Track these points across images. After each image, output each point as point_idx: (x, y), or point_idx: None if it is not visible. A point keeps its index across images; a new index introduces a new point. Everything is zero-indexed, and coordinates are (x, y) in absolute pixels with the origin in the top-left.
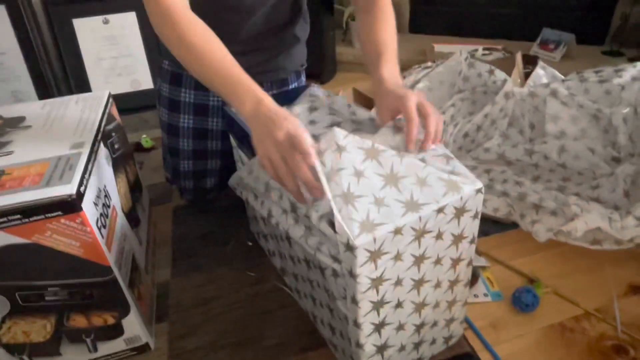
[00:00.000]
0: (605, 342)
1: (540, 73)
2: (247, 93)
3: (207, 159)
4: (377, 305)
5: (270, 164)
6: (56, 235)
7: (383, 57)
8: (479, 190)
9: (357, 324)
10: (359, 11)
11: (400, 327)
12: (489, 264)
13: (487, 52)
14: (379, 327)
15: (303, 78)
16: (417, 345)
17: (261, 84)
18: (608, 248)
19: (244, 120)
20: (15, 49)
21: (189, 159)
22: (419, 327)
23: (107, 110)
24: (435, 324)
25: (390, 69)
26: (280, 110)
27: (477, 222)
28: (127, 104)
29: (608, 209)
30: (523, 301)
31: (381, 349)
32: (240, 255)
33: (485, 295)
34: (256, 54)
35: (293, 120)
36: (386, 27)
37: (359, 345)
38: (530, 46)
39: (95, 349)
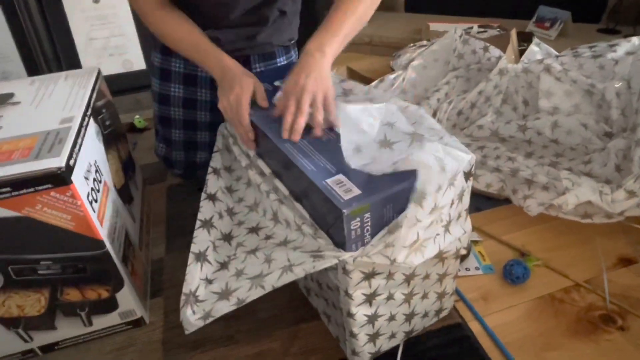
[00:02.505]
0: (594, 313)
1: (535, 49)
2: (215, 62)
3: (197, 130)
4: (369, 276)
5: (224, 113)
6: (47, 209)
7: (319, 31)
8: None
9: (348, 294)
10: None
11: (390, 297)
12: (481, 239)
13: (482, 29)
14: (370, 297)
15: (293, 53)
16: (408, 317)
17: (247, 57)
18: (598, 221)
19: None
20: (4, 29)
21: (180, 128)
22: (408, 297)
23: (97, 87)
24: (425, 295)
25: (318, 41)
26: (237, 76)
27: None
28: (120, 85)
29: (599, 183)
30: (514, 273)
31: (372, 318)
32: None
33: (477, 268)
34: (240, 29)
35: (246, 85)
36: (342, 4)
37: (350, 315)
38: (526, 24)
39: (90, 323)
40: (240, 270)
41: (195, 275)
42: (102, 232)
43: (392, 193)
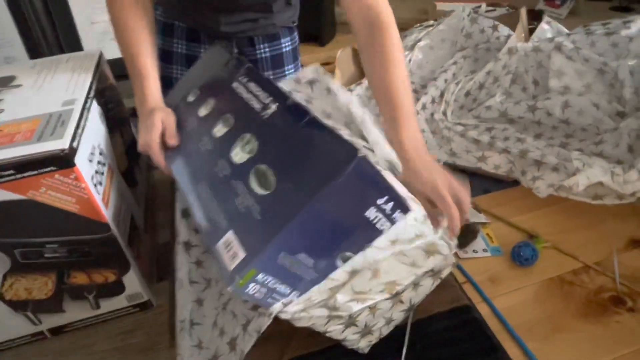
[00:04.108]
0: (604, 294)
1: (545, 28)
2: (138, 87)
3: None
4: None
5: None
6: (51, 192)
7: (400, 118)
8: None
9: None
10: (359, 43)
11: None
12: (488, 221)
13: (491, 8)
14: (330, 310)
15: (296, 35)
16: (395, 300)
17: (252, 39)
18: (609, 203)
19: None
20: (5, 14)
21: None
22: (394, 300)
23: (99, 69)
24: (417, 284)
25: (409, 132)
26: (144, 114)
27: None
28: (122, 69)
29: (611, 164)
30: (522, 255)
31: (349, 322)
32: None
33: (485, 250)
34: (243, 13)
35: (155, 123)
36: (394, 70)
37: (321, 332)
38: (536, 3)
39: (98, 306)
40: (221, 328)
41: (186, 345)
42: (107, 215)
43: (276, 244)
